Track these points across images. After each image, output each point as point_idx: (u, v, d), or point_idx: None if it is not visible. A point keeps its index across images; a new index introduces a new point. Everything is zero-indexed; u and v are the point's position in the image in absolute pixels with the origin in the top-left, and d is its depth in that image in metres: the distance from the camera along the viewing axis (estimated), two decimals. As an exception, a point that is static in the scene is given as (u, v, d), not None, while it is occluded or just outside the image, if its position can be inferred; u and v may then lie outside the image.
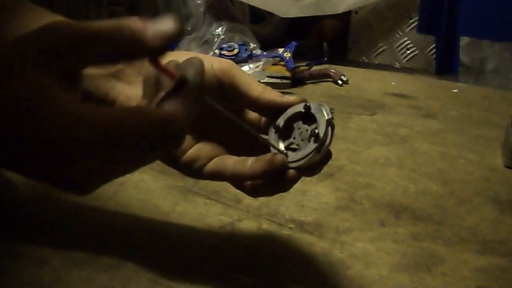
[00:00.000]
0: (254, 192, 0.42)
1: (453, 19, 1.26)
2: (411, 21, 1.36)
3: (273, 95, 0.41)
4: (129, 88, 0.41)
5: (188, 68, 0.33)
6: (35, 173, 0.32)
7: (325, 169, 0.65)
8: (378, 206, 0.58)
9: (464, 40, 1.24)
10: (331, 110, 0.40)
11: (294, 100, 0.41)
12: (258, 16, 1.45)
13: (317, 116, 0.39)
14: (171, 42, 0.31)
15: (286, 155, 0.39)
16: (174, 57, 0.40)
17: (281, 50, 1.12)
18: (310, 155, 0.39)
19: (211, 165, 0.42)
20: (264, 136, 0.42)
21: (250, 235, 0.51)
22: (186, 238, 0.50)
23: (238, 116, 0.42)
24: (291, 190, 0.59)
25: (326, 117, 0.39)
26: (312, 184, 0.62)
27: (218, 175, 0.42)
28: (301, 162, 0.39)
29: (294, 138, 0.41)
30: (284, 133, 0.41)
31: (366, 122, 0.83)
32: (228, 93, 0.42)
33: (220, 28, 1.27)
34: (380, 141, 0.76)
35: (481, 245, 0.52)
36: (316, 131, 0.39)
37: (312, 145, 0.39)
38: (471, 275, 0.47)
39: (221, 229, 0.52)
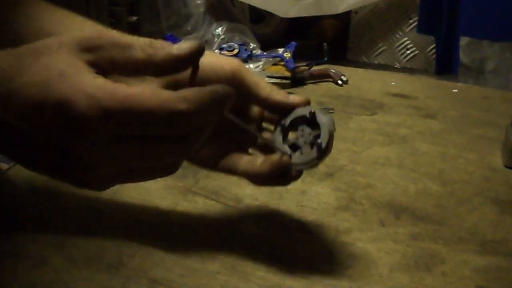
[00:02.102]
0: (258, 183, 0.46)
1: (453, 19, 1.26)
2: (411, 21, 1.36)
3: (281, 96, 0.45)
4: (143, 84, 0.42)
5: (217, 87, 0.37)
6: (43, 155, 0.36)
7: (325, 169, 0.65)
8: (378, 206, 0.58)
9: (464, 40, 1.24)
10: (331, 111, 0.43)
11: (299, 101, 0.45)
12: (258, 16, 1.45)
13: (321, 125, 0.43)
14: (194, 53, 0.36)
15: (290, 156, 0.43)
16: None
17: (281, 50, 1.12)
18: (312, 162, 0.43)
19: (224, 162, 0.46)
20: (267, 135, 0.47)
21: (250, 235, 0.52)
22: (186, 238, 0.50)
23: (243, 109, 0.47)
24: (291, 190, 0.60)
25: (329, 128, 0.43)
26: (312, 184, 0.62)
27: (230, 171, 0.46)
28: (303, 166, 0.43)
29: (298, 139, 0.44)
30: (289, 131, 0.45)
31: (366, 122, 0.83)
32: (237, 92, 0.43)
33: (220, 28, 1.27)
34: (380, 141, 0.76)
35: (481, 245, 0.52)
36: (319, 141, 0.43)
37: (314, 152, 0.43)
38: (471, 275, 0.47)
39: (221, 229, 0.52)
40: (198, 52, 0.36)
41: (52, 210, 0.54)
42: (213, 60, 0.44)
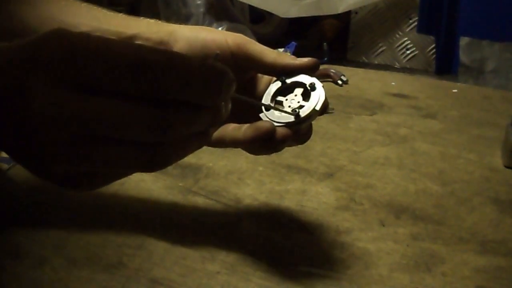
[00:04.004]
0: (251, 152, 0.45)
1: (453, 19, 1.26)
2: (411, 21, 1.36)
3: (287, 60, 0.45)
4: None
5: None
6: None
7: (325, 169, 0.65)
8: (378, 206, 0.58)
9: (464, 40, 1.24)
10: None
11: (307, 62, 0.45)
12: (258, 16, 1.45)
13: (311, 99, 0.44)
14: None
15: (269, 109, 0.44)
16: (192, 31, 0.44)
17: (281, 50, 1.12)
18: (282, 125, 0.43)
19: (216, 133, 0.45)
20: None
21: (250, 235, 0.51)
22: (186, 238, 0.50)
23: (250, 83, 0.47)
24: (291, 190, 0.59)
25: (315, 107, 0.43)
26: (312, 184, 0.62)
27: (220, 142, 0.45)
28: (276, 125, 0.43)
29: (286, 100, 0.45)
30: (285, 89, 0.45)
31: (366, 122, 0.83)
32: (243, 64, 0.45)
33: (220, 28, 1.27)
34: (380, 141, 0.76)
35: (481, 245, 0.52)
36: (299, 111, 0.43)
37: (289, 118, 0.43)
38: (471, 275, 0.47)
39: (221, 229, 0.52)
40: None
41: (52, 210, 0.54)
42: (217, 36, 0.45)
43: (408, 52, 1.37)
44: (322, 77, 1.09)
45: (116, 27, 0.45)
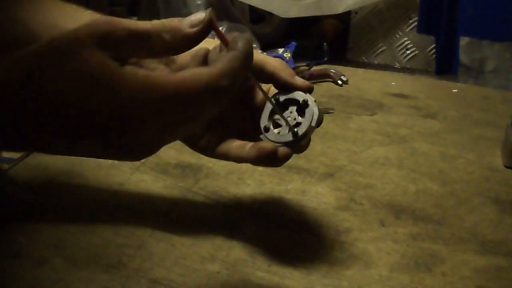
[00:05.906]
0: (253, 164, 0.47)
1: (453, 19, 1.26)
2: (411, 21, 1.36)
3: (285, 75, 0.46)
4: (167, 70, 0.44)
5: (239, 39, 0.38)
6: (98, 143, 0.35)
7: (325, 169, 0.65)
8: (378, 206, 0.58)
9: (464, 40, 1.23)
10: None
11: (302, 85, 0.46)
12: (258, 16, 1.45)
13: (306, 116, 0.44)
14: (206, 27, 0.38)
15: (268, 129, 0.45)
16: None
17: (281, 50, 1.11)
18: (283, 145, 0.44)
19: (220, 148, 0.47)
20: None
21: (250, 235, 0.52)
22: (186, 238, 0.50)
23: (250, 92, 0.49)
24: (291, 190, 0.60)
25: (312, 123, 0.44)
26: (312, 184, 0.62)
27: (225, 156, 0.47)
28: (276, 145, 0.44)
29: (282, 117, 0.45)
30: (280, 107, 0.46)
31: (366, 122, 0.83)
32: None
33: (220, 28, 1.27)
34: (380, 141, 0.76)
35: (481, 245, 0.52)
36: (297, 129, 0.44)
37: (289, 137, 0.44)
38: (471, 275, 0.47)
39: (221, 229, 0.52)
40: (210, 24, 0.38)
41: (52, 210, 0.54)
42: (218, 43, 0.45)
43: (408, 52, 1.37)
44: (322, 77, 1.09)
45: None
